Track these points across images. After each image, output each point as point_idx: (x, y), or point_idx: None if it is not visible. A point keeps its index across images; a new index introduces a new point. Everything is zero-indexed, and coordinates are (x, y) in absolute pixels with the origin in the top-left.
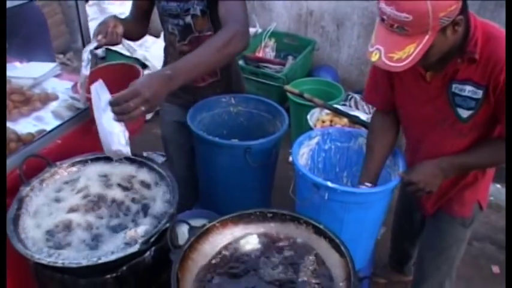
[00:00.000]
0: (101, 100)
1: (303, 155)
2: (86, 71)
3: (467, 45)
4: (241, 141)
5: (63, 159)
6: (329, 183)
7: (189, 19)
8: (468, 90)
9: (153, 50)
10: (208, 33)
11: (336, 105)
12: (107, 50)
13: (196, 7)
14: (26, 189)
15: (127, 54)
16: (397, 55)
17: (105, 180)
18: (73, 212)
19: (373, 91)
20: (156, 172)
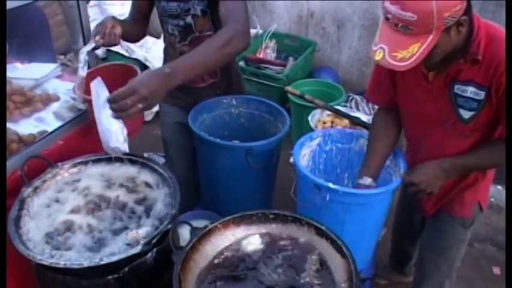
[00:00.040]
0: (100, 97)
1: (304, 156)
2: (82, 72)
3: (470, 46)
4: (243, 143)
5: (65, 160)
6: (330, 185)
7: (189, 19)
8: (470, 91)
9: (154, 51)
10: (209, 33)
11: (337, 107)
12: (108, 51)
13: (197, 7)
14: (28, 190)
15: (127, 55)
16: (401, 54)
17: (106, 181)
18: (74, 214)
19: (375, 90)
20: (157, 173)
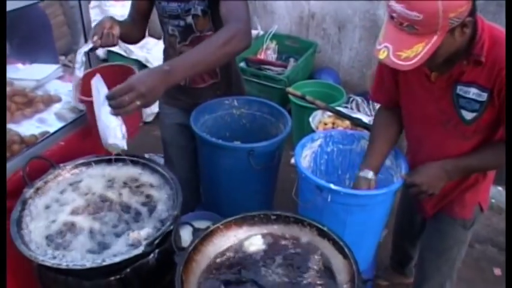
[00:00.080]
0: (100, 94)
1: (306, 157)
2: (79, 72)
3: (473, 48)
4: (244, 144)
5: (67, 161)
6: (332, 186)
7: (189, 19)
8: (473, 93)
9: (155, 52)
10: (209, 33)
11: (338, 108)
12: (108, 51)
13: (197, 7)
14: (30, 191)
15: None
16: (405, 53)
17: (108, 182)
18: (76, 215)
19: (378, 89)
20: (159, 174)
